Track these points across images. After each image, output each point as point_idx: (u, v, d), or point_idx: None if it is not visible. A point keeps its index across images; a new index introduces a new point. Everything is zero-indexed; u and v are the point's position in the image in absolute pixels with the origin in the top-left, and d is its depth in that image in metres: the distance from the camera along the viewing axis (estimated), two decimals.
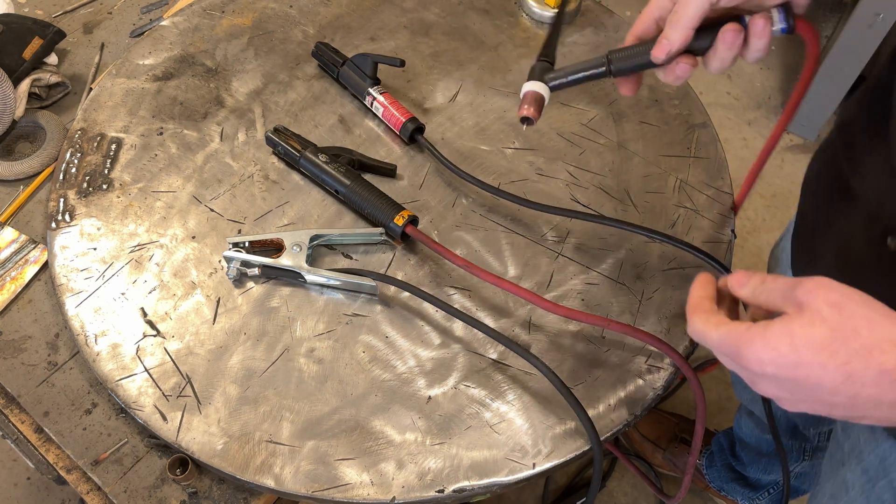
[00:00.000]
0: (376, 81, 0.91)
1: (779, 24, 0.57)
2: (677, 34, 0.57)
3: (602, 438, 0.71)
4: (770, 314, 0.48)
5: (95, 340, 0.76)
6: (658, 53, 0.59)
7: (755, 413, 1.13)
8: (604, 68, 0.63)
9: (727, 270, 0.80)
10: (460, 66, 0.98)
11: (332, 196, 0.86)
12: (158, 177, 0.87)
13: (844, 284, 0.43)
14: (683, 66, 0.59)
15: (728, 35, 0.56)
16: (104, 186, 0.86)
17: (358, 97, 0.93)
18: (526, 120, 0.66)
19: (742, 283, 0.50)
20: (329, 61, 0.94)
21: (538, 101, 0.66)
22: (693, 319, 0.50)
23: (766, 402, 0.86)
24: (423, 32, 1.02)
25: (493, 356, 0.76)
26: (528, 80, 0.67)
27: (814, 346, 0.42)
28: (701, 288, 0.52)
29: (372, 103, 0.91)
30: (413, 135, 0.89)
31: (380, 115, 0.91)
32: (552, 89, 0.67)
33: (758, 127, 1.97)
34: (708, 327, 0.48)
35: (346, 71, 0.92)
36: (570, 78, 0.66)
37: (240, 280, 0.79)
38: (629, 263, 0.82)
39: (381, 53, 0.93)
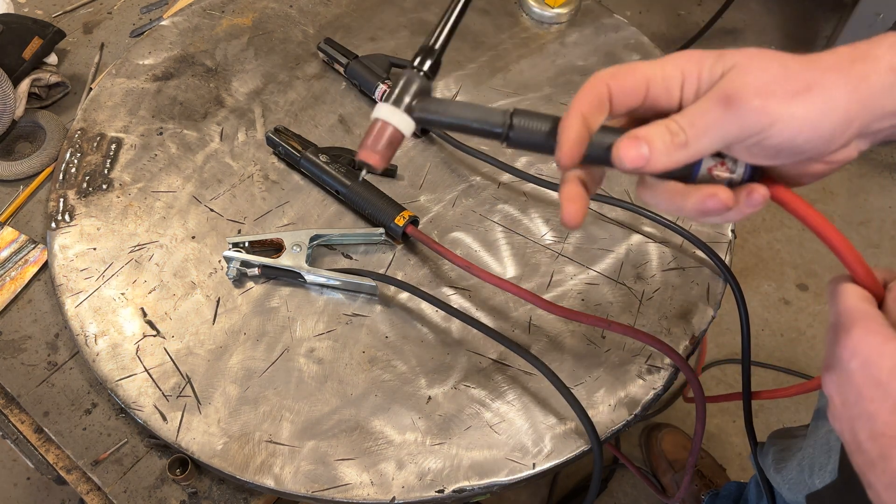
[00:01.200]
0: (388, 78, 0.92)
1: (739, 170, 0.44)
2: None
3: (602, 439, 0.71)
4: None
5: (95, 340, 0.76)
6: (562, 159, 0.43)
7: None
8: (500, 129, 0.46)
9: (727, 269, 0.80)
10: (460, 66, 0.98)
11: (332, 196, 0.86)
12: (158, 177, 0.87)
13: None
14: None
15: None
16: (104, 186, 0.86)
17: (366, 92, 0.93)
18: (365, 165, 0.46)
19: None
20: (341, 52, 0.94)
21: (393, 141, 0.46)
22: (846, 284, 0.45)
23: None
24: (423, 32, 1.02)
25: (493, 356, 0.75)
26: (388, 100, 0.47)
27: None
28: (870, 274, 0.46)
29: (383, 95, 0.91)
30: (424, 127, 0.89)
31: None
32: (419, 126, 0.47)
33: None
34: (851, 295, 0.43)
35: (355, 66, 0.93)
36: (450, 121, 0.47)
37: (239, 280, 0.79)
38: (629, 263, 0.82)
39: (395, 55, 0.94)
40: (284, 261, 0.77)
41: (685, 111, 0.42)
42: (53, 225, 0.83)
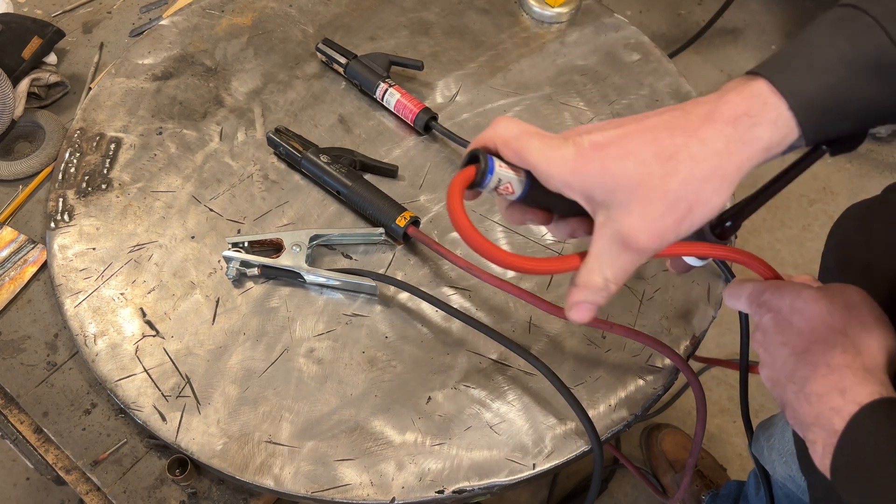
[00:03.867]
0: (388, 77, 0.92)
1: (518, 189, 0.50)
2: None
3: (602, 439, 0.70)
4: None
5: (94, 340, 0.75)
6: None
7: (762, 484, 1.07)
8: None
9: (728, 269, 0.80)
10: (460, 66, 0.98)
11: (331, 196, 0.86)
12: (158, 176, 0.87)
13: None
14: None
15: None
16: (103, 186, 0.86)
17: (367, 91, 0.93)
18: None
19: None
20: (340, 52, 0.94)
21: None
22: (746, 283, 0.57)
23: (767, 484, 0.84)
24: (423, 32, 1.02)
25: (493, 356, 0.75)
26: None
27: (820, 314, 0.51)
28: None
29: (384, 94, 0.90)
30: (427, 124, 0.89)
31: (391, 108, 0.91)
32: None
33: None
34: (747, 282, 0.57)
35: (354, 66, 0.92)
36: None
37: (239, 280, 0.79)
38: None
39: (395, 55, 0.94)
40: (284, 261, 0.77)
41: (592, 259, 0.52)
42: (53, 225, 0.83)
